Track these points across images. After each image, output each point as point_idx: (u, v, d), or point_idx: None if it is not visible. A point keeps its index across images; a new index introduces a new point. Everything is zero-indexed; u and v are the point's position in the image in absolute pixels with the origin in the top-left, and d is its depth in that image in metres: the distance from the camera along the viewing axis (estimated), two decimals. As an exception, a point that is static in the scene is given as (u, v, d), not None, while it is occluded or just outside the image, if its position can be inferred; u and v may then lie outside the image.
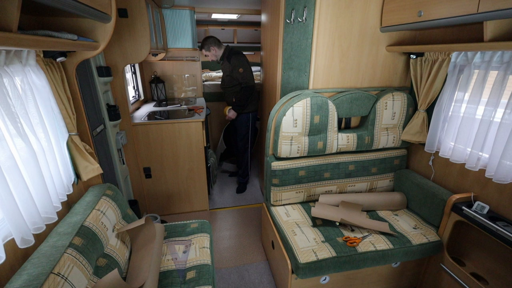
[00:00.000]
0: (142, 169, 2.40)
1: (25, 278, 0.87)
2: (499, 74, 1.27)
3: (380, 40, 1.73)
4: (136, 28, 1.88)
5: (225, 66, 2.66)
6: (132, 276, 1.26)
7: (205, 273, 1.36)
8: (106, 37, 1.30)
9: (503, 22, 1.13)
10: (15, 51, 0.95)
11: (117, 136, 2.03)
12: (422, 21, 1.37)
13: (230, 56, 2.61)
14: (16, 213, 0.87)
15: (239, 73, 2.61)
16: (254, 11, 3.05)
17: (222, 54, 2.66)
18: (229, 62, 2.60)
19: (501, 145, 1.27)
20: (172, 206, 2.65)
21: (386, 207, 1.86)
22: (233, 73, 2.60)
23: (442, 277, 1.61)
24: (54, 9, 1.03)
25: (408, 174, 1.90)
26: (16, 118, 0.90)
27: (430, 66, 1.60)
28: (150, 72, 3.37)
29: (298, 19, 1.73)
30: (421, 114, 1.75)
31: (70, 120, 1.30)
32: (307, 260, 1.42)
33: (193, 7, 2.87)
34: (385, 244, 1.52)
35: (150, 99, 3.41)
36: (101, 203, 1.35)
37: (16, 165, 0.89)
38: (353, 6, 1.60)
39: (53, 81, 1.17)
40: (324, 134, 1.77)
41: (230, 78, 2.65)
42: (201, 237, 1.62)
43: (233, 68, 2.60)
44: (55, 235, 1.09)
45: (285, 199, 1.88)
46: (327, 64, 1.72)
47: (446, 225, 1.57)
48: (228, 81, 2.70)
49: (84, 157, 1.37)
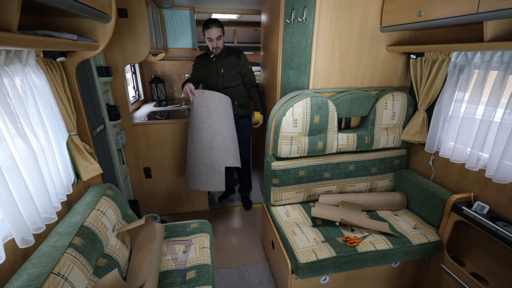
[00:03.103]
0: (142, 169, 2.40)
1: (25, 278, 0.87)
2: (499, 74, 1.27)
3: (380, 40, 1.73)
4: (136, 28, 1.88)
5: (229, 62, 2.28)
6: (132, 276, 1.26)
7: (205, 273, 1.36)
8: (106, 37, 1.30)
9: (503, 22, 1.13)
10: (15, 51, 0.95)
11: (117, 136, 2.03)
12: (422, 21, 1.37)
13: (237, 52, 2.32)
14: (16, 213, 0.87)
15: (249, 70, 2.36)
16: (254, 11, 3.05)
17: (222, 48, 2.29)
18: (237, 57, 2.28)
19: (501, 145, 1.27)
20: (172, 206, 2.65)
21: (386, 207, 1.86)
22: (243, 68, 2.31)
23: (442, 277, 1.61)
24: (54, 9, 1.03)
25: (408, 174, 1.90)
26: (16, 118, 0.90)
27: (430, 66, 1.60)
28: (150, 72, 3.37)
29: (298, 19, 1.73)
30: (421, 114, 1.75)
31: (70, 120, 1.30)
32: (307, 260, 1.42)
33: (193, 7, 2.87)
34: (385, 244, 1.52)
35: (150, 99, 3.42)
36: (101, 203, 1.35)
37: (16, 165, 0.89)
38: (353, 6, 1.60)
39: (53, 81, 1.17)
40: (324, 134, 1.77)
41: (234, 76, 2.32)
42: (201, 237, 1.62)
43: (243, 64, 2.31)
44: (55, 235, 1.09)
45: (285, 199, 1.88)
46: (327, 64, 1.72)
47: (446, 225, 1.57)
48: (230, 79, 2.32)
49: (84, 157, 1.37)
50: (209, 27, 2.11)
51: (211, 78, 2.34)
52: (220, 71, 2.30)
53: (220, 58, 2.28)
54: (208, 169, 2.03)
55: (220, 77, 2.32)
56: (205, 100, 2.01)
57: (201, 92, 2.02)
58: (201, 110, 2.01)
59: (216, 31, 2.13)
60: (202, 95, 2.01)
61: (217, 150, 2.02)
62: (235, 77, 2.33)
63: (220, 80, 2.33)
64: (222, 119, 2.05)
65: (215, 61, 2.28)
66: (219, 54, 2.24)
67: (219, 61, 2.29)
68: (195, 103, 2.03)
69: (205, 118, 2.01)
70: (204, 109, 2.01)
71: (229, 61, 2.29)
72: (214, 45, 2.18)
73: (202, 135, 2.02)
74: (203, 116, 2.01)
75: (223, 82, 2.33)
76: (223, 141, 2.04)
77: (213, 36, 2.14)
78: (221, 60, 2.28)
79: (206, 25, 2.13)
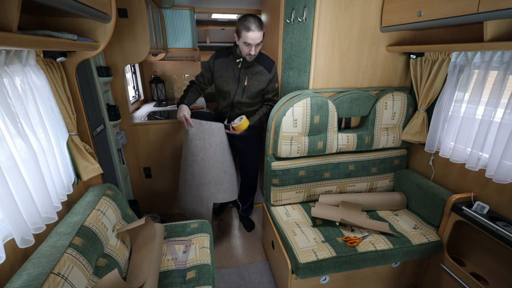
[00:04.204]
0: (142, 169, 2.40)
1: (25, 278, 0.87)
2: (499, 74, 1.27)
3: (380, 40, 1.73)
4: (136, 28, 1.88)
5: (256, 74, 1.83)
6: (132, 276, 1.26)
7: (205, 273, 1.36)
8: (106, 37, 1.30)
9: (503, 22, 1.13)
10: (15, 51, 0.95)
11: (117, 136, 2.03)
12: (422, 21, 1.37)
13: (270, 63, 1.86)
14: (16, 213, 0.87)
15: (276, 89, 1.94)
16: (254, 11, 3.05)
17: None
18: (269, 70, 1.85)
19: (501, 145, 1.27)
20: (172, 206, 2.64)
21: (386, 207, 1.86)
22: (270, 85, 1.89)
23: (442, 277, 1.61)
24: (54, 9, 1.03)
25: (408, 174, 1.90)
26: (16, 118, 0.90)
27: (430, 66, 1.60)
28: (150, 72, 3.37)
29: (298, 19, 1.73)
30: (421, 114, 1.75)
31: (70, 120, 1.30)
32: (307, 260, 1.42)
33: (193, 7, 2.87)
34: (385, 244, 1.52)
35: (150, 99, 3.42)
36: (101, 203, 1.36)
37: (16, 165, 0.89)
38: (353, 6, 1.60)
39: (53, 81, 1.17)
40: (324, 134, 1.77)
41: (258, 92, 1.88)
42: (201, 237, 1.62)
43: (272, 81, 1.89)
44: (55, 235, 1.09)
45: (285, 199, 1.88)
46: (327, 64, 1.72)
47: (446, 225, 1.57)
48: (252, 95, 1.88)
49: (84, 157, 1.37)
50: (250, 29, 1.61)
51: (227, 87, 1.87)
52: (243, 81, 1.83)
53: (247, 65, 1.81)
54: (195, 202, 1.91)
55: (240, 89, 1.85)
56: (201, 133, 1.79)
57: (198, 123, 1.77)
58: (196, 142, 1.80)
59: (259, 35, 1.64)
60: (199, 127, 1.78)
61: (208, 186, 1.86)
62: (258, 94, 1.89)
63: (239, 92, 1.86)
64: (218, 153, 1.84)
65: (240, 68, 1.82)
66: (247, 63, 1.80)
67: (245, 69, 1.82)
68: (190, 133, 1.80)
69: (199, 151, 1.81)
70: (199, 142, 1.80)
71: (257, 73, 1.82)
72: (252, 52, 1.68)
73: (194, 169, 1.85)
74: (197, 150, 1.81)
75: (242, 96, 1.87)
76: (215, 176, 1.86)
77: (253, 42, 1.65)
78: (248, 68, 1.82)
79: (245, 26, 1.62)
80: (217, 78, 1.89)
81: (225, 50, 1.87)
